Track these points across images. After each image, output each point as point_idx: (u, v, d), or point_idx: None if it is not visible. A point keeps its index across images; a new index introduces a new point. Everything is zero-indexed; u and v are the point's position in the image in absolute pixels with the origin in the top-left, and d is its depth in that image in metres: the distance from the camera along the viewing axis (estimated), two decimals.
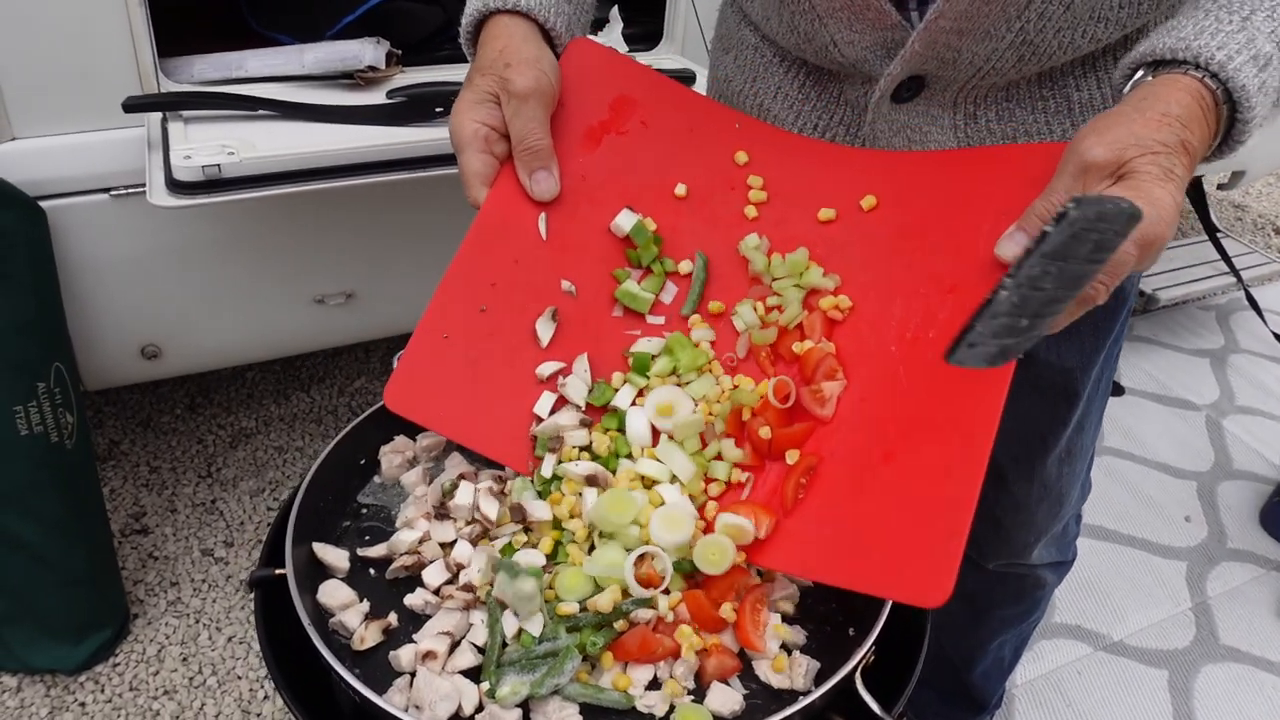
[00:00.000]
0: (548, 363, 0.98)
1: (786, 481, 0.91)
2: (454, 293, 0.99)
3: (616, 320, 1.01)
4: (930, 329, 0.89)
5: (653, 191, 1.02)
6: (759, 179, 1.01)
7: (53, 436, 1.71)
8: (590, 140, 1.02)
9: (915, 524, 0.84)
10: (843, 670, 0.81)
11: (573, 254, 1.00)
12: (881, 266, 0.95)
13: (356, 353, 2.70)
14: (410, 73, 1.79)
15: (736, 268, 1.01)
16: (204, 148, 1.47)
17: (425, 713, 0.81)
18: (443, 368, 0.98)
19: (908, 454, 0.86)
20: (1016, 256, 0.81)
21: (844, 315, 0.95)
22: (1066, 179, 0.79)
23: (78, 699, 1.84)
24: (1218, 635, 2.22)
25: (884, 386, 0.90)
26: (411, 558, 0.94)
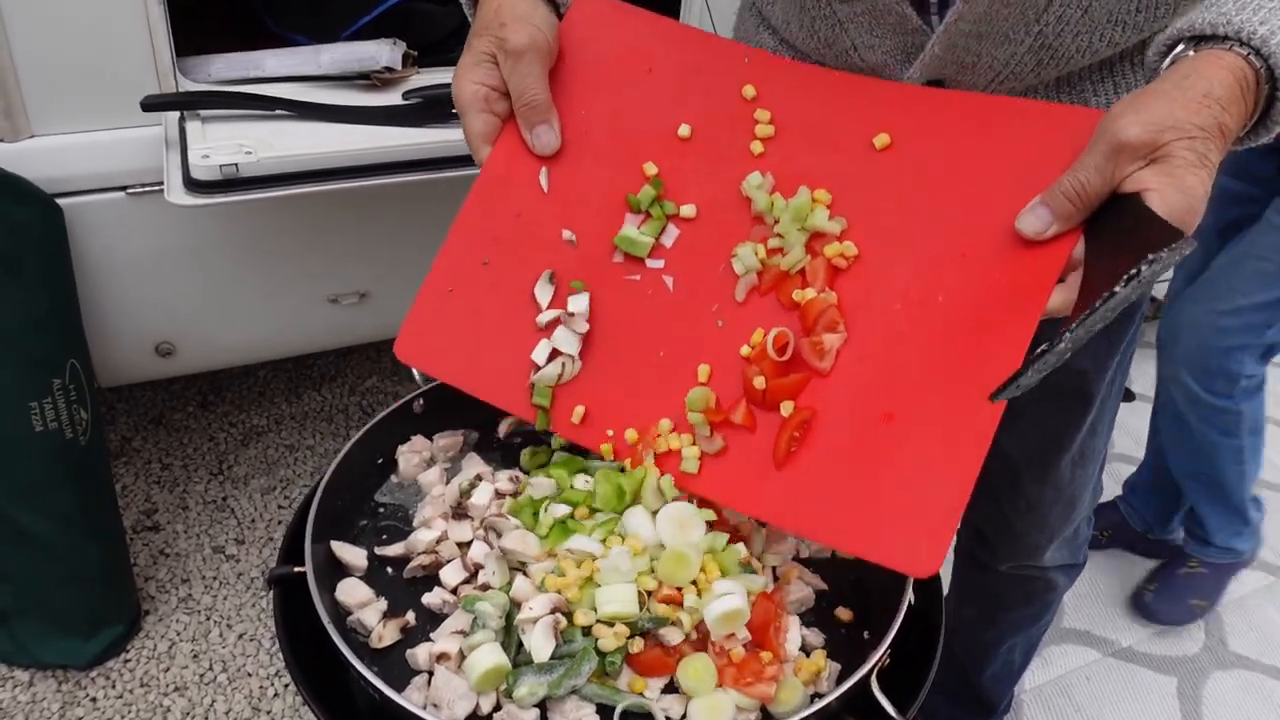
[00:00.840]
0: (548, 311, 0.98)
1: (781, 433, 0.90)
2: (458, 247, 1.02)
3: (617, 266, 0.99)
4: (939, 293, 0.87)
5: (655, 135, 0.99)
6: (766, 113, 0.96)
7: (67, 433, 1.72)
8: (594, 92, 1.00)
9: (912, 492, 0.84)
10: (859, 672, 0.81)
11: (574, 205, 1.00)
12: (892, 213, 0.91)
13: (368, 352, 2.70)
14: (426, 74, 1.79)
15: (739, 208, 0.97)
16: (222, 147, 1.48)
17: (444, 711, 0.82)
18: (448, 320, 1.01)
19: (908, 419, 0.85)
20: (1038, 233, 0.82)
21: (848, 264, 0.91)
22: (1098, 157, 0.77)
23: (89, 694, 1.85)
24: (1227, 643, 2.21)
25: (886, 345, 0.88)
26: (429, 557, 0.95)
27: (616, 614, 0.85)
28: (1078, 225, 0.81)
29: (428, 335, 1.01)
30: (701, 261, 0.97)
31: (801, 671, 0.86)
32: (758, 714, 0.84)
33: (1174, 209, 0.73)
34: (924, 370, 0.86)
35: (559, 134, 0.98)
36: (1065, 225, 0.81)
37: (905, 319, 0.88)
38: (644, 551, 0.91)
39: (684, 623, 0.86)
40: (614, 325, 0.98)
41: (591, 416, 0.98)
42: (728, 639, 0.86)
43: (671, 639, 0.86)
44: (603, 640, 0.84)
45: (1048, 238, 0.82)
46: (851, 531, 0.86)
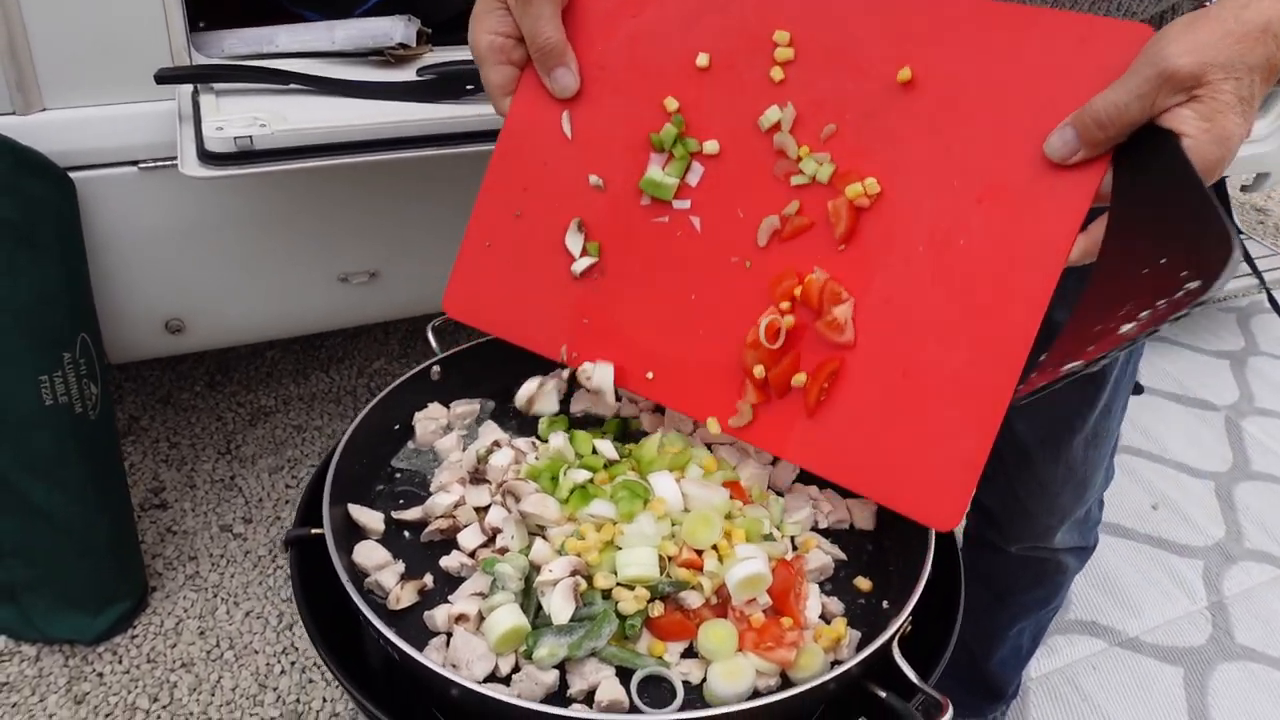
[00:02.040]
0: (581, 259, 1.00)
1: (811, 384, 0.91)
2: (490, 202, 1.03)
3: (645, 209, 0.98)
4: (961, 236, 0.85)
5: (673, 67, 0.97)
6: (785, 33, 0.92)
7: (77, 407, 1.72)
8: (608, 27, 0.98)
9: (932, 446, 0.85)
10: (882, 638, 0.81)
11: (598, 147, 0.99)
12: (915, 145, 0.87)
13: (376, 333, 2.70)
14: (440, 51, 1.79)
15: (762, 141, 0.94)
16: (236, 120, 1.47)
17: (462, 671, 0.81)
18: (489, 274, 1.03)
19: (930, 367, 0.86)
20: (1062, 157, 0.79)
21: (871, 202, 0.89)
22: (1140, 82, 0.74)
23: (96, 669, 1.85)
24: (1233, 635, 2.21)
25: (910, 289, 0.87)
26: (447, 521, 0.94)
27: (637, 577, 0.85)
28: (1106, 153, 0.78)
29: (472, 289, 1.04)
30: (727, 201, 0.96)
31: (822, 638, 0.86)
32: (777, 679, 0.84)
33: (1208, 161, 0.71)
34: (944, 323, 0.85)
35: (577, 75, 0.97)
36: (1092, 152, 0.78)
37: (928, 264, 0.87)
38: (665, 516, 0.90)
39: (704, 587, 0.86)
40: (645, 270, 0.98)
41: (628, 361, 0.99)
42: (748, 604, 0.86)
43: (691, 603, 0.86)
44: (623, 603, 0.84)
45: (1073, 163, 0.79)
46: (877, 481, 0.88)
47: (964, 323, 0.84)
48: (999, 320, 0.83)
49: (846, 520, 1.01)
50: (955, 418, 0.84)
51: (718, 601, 0.87)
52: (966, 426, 0.83)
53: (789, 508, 0.98)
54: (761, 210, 0.94)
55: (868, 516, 1.01)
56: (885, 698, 0.81)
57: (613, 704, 0.80)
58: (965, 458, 0.83)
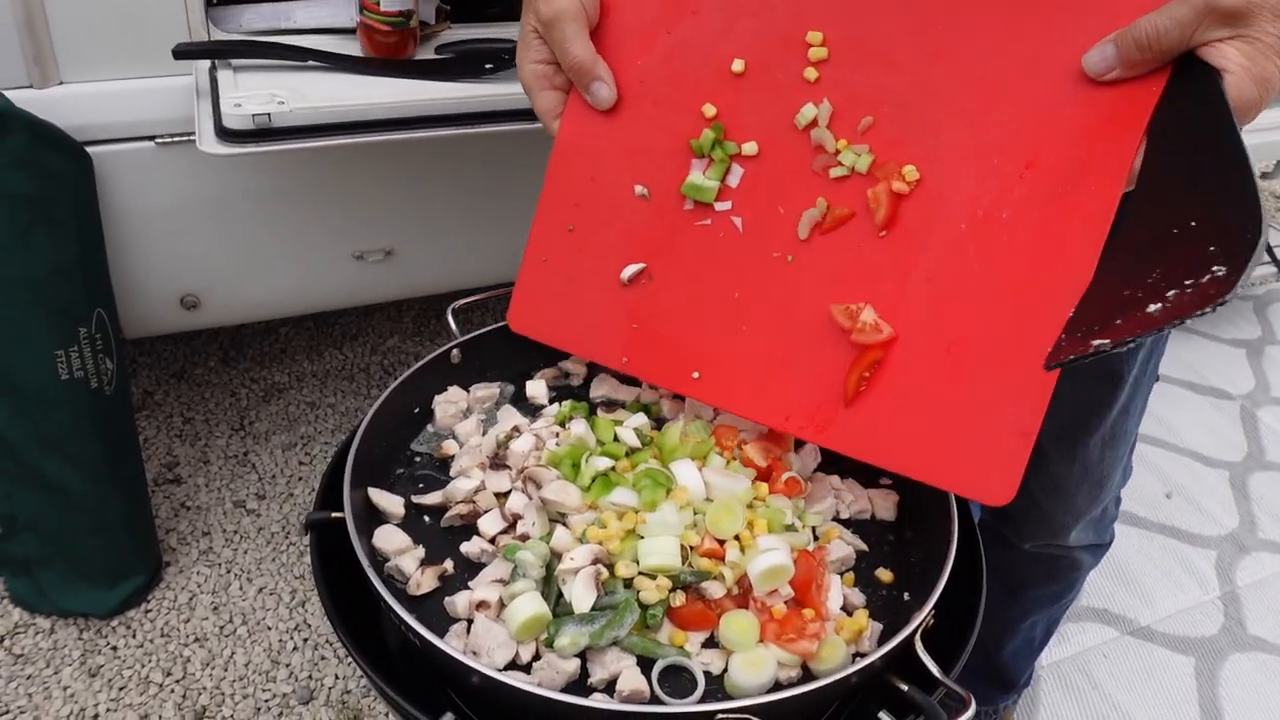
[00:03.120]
0: (629, 266, 1.02)
1: (851, 372, 0.92)
2: (545, 219, 1.06)
3: (688, 213, 1.00)
4: (1004, 209, 0.86)
5: (710, 75, 0.99)
6: (818, 34, 0.94)
7: (92, 382, 1.72)
8: (645, 42, 1.01)
9: (982, 420, 0.85)
10: (904, 631, 0.80)
11: (643, 159, 1.02)
12: (952, 129, 0.89)
13: (389, 311, 2.70)
14: (459, 29, 1.77)
15: (799, 139, 0.96)
16: (254, 96, 1.46)
17: (483, 658, 0.81)
18: (547, 289, 1.06)
19: (974, 346, 0.86)
20: (1099, 73, 0.80)
21: (911, 188, 0.91)
22: (1185, 9, 0.74)
23: (110, 643, 1.86)
24: (1245, 625, 2.20)
25: (953, 267, 0.89)
26: (467, 506, 0.94)
27: (659, 566, 0.85)
28: (1141, 74, 0.79)
29: (533, 305, 1.07)
30: (767, 199, 0.98)
31: (844, 630, 0.85)
32: (798, 671, 0.84)
33: (1246, 101, 0.71)
34: (989, 293, 0.86)
35: (613, 87, 0.99)
36: (1127, 71, 0.79)
37: (971, 239, 0.88)
38: (689, 505, 0.90)
39: (726, 577, 0.86)
40: (689, 274, 1.00)
41: (675, 362, 1.00)
42: (770, 595, 0.85)
43: (713, 593, 0.85)
44: (644, 592, 0.84)
45: (1107, 79, 0.80)
46: (925, 461, 0.88)
47: (1009, 291, 0.85)
48: (1048, 283, 0.83)
49: (868, 511, 1.00)
50: (1005, 386, 0.84)
51: (739, 592, 0.86)
52: (1017, 393, 0.83)
53: (811, 498, 0.97)
54: (801, 205, 0.95)
55: (889, 507, 1.01)
56: (907, 691, 0.81)
57: (634, 694, 0.80)
58: (1017, 426, 0.83)
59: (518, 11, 1.01)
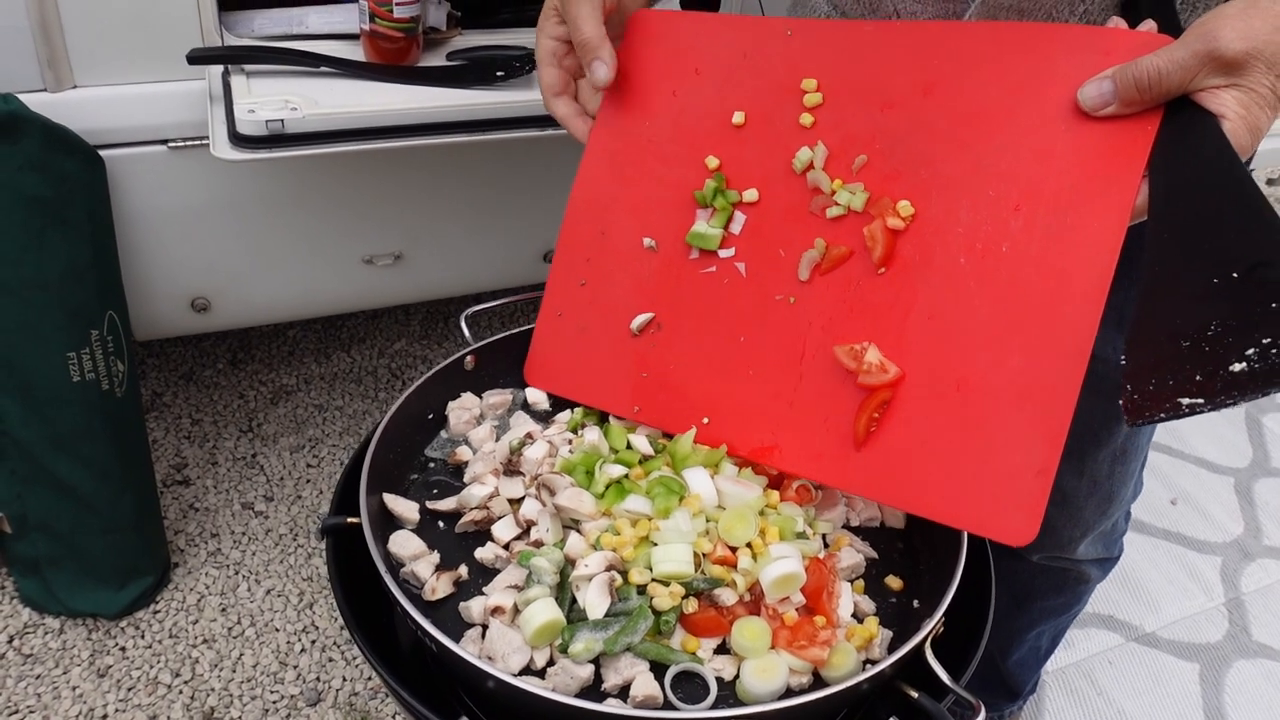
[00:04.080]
0: (639, 316, 1.04)
1: (860, 415, 0.91)
2: (560, 274, 1.09)
3: (694, 262, 1.03)
4: (1003, 242, 0.86)
5: (713, 127, 1.02)
6: (812, 81, 0.97)
7: (104, 384, 1.73)
8: (650, 104, 1.05)
9: (997, 459, 0.84)
10: (915, 639, 0.81)
11: (650, 211, 1.05)
12: (948, 161, 0.90)
13: (397, 314, 2.71)
14: (470, 35, 1.78)
15: (797, 183, 0.98)
16: (267, 102, 1.47)
17: (498, 664, 0.82)
18: (561, 342, 1.08)
19: (985, 377, 0.85)
20: (1094, 107, 0.81)
21: (906, 224, 0.91)
22: (1186, 54, 0.76)
23: (118, 643, 1.87)
24: (1250, 631, 2.21)
25: (954, 302, 0.88)
26: (481, 513, 0.95)
27: (672, 573, 0.86)
28: (1135, 113, 0.80)
29: (548, 358, 1.10)
30: (769, 243, 1.00)
31: (855, 637, 0.86)
32: (809, 677, 0.84)
33: (1240, 147, 0.73)
34: (995, 329, 0.86)
35: (613, 69, 1.01)
36: (1123, 109, 0.80)
37: (971, 274, 0.88)
38: (701, 513, 0.91)
39: (738, 584, 0.86)
40: (696, 321, 1.02)
41: (684, 410, 1.01)
42: (782, 602, 0.86)
43: (726, 600, 0.86)
44: (658, 599, 0.85)
45: (1101, 115, 0.82)
46: (943, 502, 0.87)
47: (1017, 326, 0.84)
48: (1055, 319, 0.83)
49: (877, 519, 1.01)
50: (1017, 423, 0.83)
51: (751, 599, 0.87)
52: (1032, 432, 0.82)
53: (821, 505, 0.98)
54: (801, 247, 0.97)
55: (898, 515, 1.01)
56: (917, 698, 0.82)
57: (647, 699, 0.80)
58: (1035, 465, 0.82)
59: (528, 18, 1.04)
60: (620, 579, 0.86)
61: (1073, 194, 0.83)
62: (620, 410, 1.05)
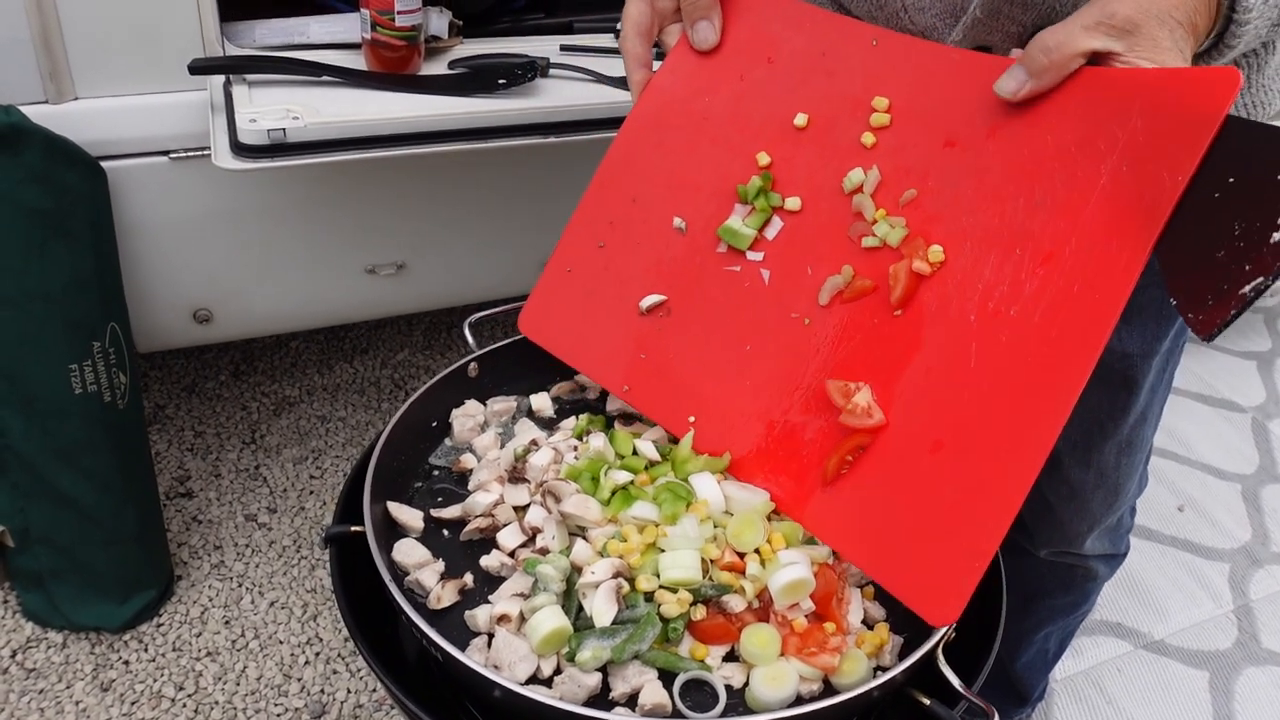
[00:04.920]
0: (649, 296, 1.02)
1: (833, 453, 0.89)
2: (578, 229, 1.06)
3: (720, 256, 1.00)
4: (1014, 304, 0.83)
5: (772, 124, 0.99)
6: (884, 100, 0.93)
7: (106, 396, 1.72)
8: (716, 81, 1.02)
9: (943, 530, 0.82)
10: (926, 646, 0.80)
11: (688, 192, 1.02)
12: (985, 211, 0.86)
13: (400, 325, 2.70)
14: (471, 44, 1.78)
15: (843, 202, 0.95)
16: (269, 112, 1.47)
17: (504, 672, 0.81)
18: (564, 299, 1.06)
19: (955, 451, 0.83)
20: (1012, 93, 0.83)
21: (933, 270, 0.88)
22: (1085, 16, 0.79)
23: (122, 657, 1.86)
24: (1259, 638, 2.19)
25: (952, 362, 0.85)
26: (486, 520, 0.94)
27: (680, 580, 0.85)
28: (1051, 86, 0.82)
29: (546, 311, 1.07)
30: (799, 257, 0.97)
31: (865, 644, 0.85)
32: (820, 685, 0.83)
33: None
34: (980, 397, 0.83)
35: (718, 33, 1.00)
36: (1039, 82, 0.82)
37: (976, 334, 0.84)
38: (709, 519, 0.90)
39: (746, 591, 0.85)
40: (707, 316, 1.00)
41: (675, 402, 1.00)
42: (791, 609, 0.85)
43: (734, 607, 0.85)
44: (665, 606, 0.84)
45: (1021, 97, 0.83)
46: (881, 563, 0.85)
47: (1001, 400, 0.82)
48: (1032, 401, 0.80)
49: None
50: (974, 503, 0.81)
51: (760, 605, 0.86)
52: (983, 513, 0.80)
53: None
54: (830, 270, 0.94)
55: None
56: (929, 705, 0.81)
57: (656, 708, 0.79)
58: (975, 546, 0.80)
59: (528, 27, 1.03)
60: (627, 586, 0.85)
61: (1087, 260, 0.80)
62: (609, 385, 1.04)
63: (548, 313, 1.08)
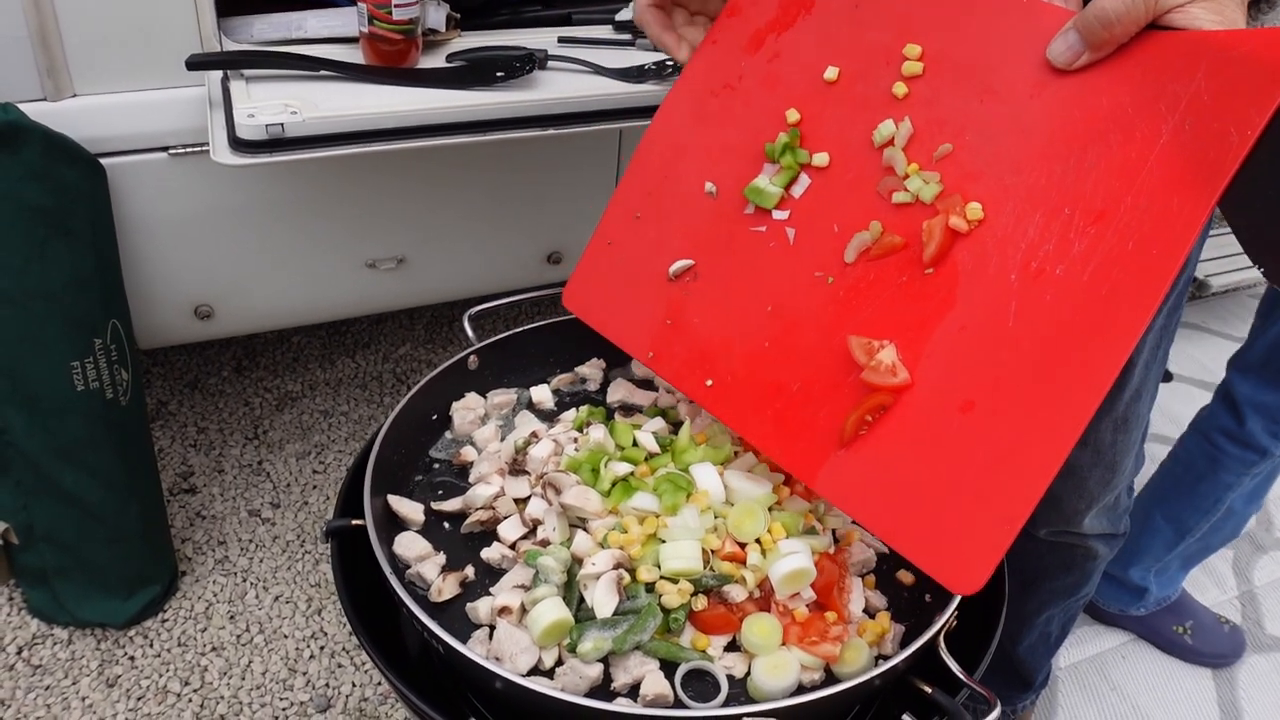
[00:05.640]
0: (679, 261, 1.01)
1: (852, 411, 0.86)
2: (619, 202, 1.05)
3: (747, 217, 0.98)
4: (1060, 263, 0.79)
5: (802, 80, 0.96)
6: (916, 48, 0.89)
7: (108, 393, 1.72)
8: (754, 44, 0.99)
9: (971, 494, 0.79)
10: (927, 634, 0.80)
11: (720, 155, 1.00)
12: (1032, 169, 0.82)
13: (401, 319, 2.70)
14: (469, 36, 1.78)
15: (872, 156, 0.91)
16: (267, 107, 1.47)
17: (506, 664, 0.81)
18: (604, 272, 1.05)
19: (988, 411, 0.80)
20: (1067, 62, 0.79)
21: (971, 228, 0.84)
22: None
23: (127, 653, 1.86)
24: (1263, 624, 2.19)
25: (989, 321, 0.82)
26: (487, 513, 0.94)
27: (681, 570, 0.85)
28: (1107, 55, 0.78)
29: (588, 286, 1.07)
30: (825, 214, 0.93)
31: (866, 632, 0.85)
32: (821, 674, 0.83)
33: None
34: (1018, 358, 0.80)
35: None
36: (1095, 53, 0.78)
37: (1018, 294, 0.81)
38: (709, 509, 0.90)
39: (747, 580, 0.85)
40: (731, 279, 0.97)
41: (693, 366, 0.97)
42: (792, 598, 0.85)
43: (735, 597, 0.85)
44: (666, 597, 0.84)
45: (1077, 68, 0.79)
46: (901, 530, 0.82)
47: (1043, 359, 0.79)
48: (1083, 356, 0.77)
49: None
50: (1007, 466, 0.78)
51: (761, 595, 0.86)
52: (1018, 477, 0.78)
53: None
54: (856, 227, 0.91)
55: None
56: (931, 693, 0.81)
57: (657, 698, 0.80)
58: (1006, 511, 0.77)
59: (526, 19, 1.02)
60: (628, 577, 0.86)
61: (1148, 218, 0.76)
62: (636, 352, 1.02)
63: (588, 286, 1.06)
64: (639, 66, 1.66)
